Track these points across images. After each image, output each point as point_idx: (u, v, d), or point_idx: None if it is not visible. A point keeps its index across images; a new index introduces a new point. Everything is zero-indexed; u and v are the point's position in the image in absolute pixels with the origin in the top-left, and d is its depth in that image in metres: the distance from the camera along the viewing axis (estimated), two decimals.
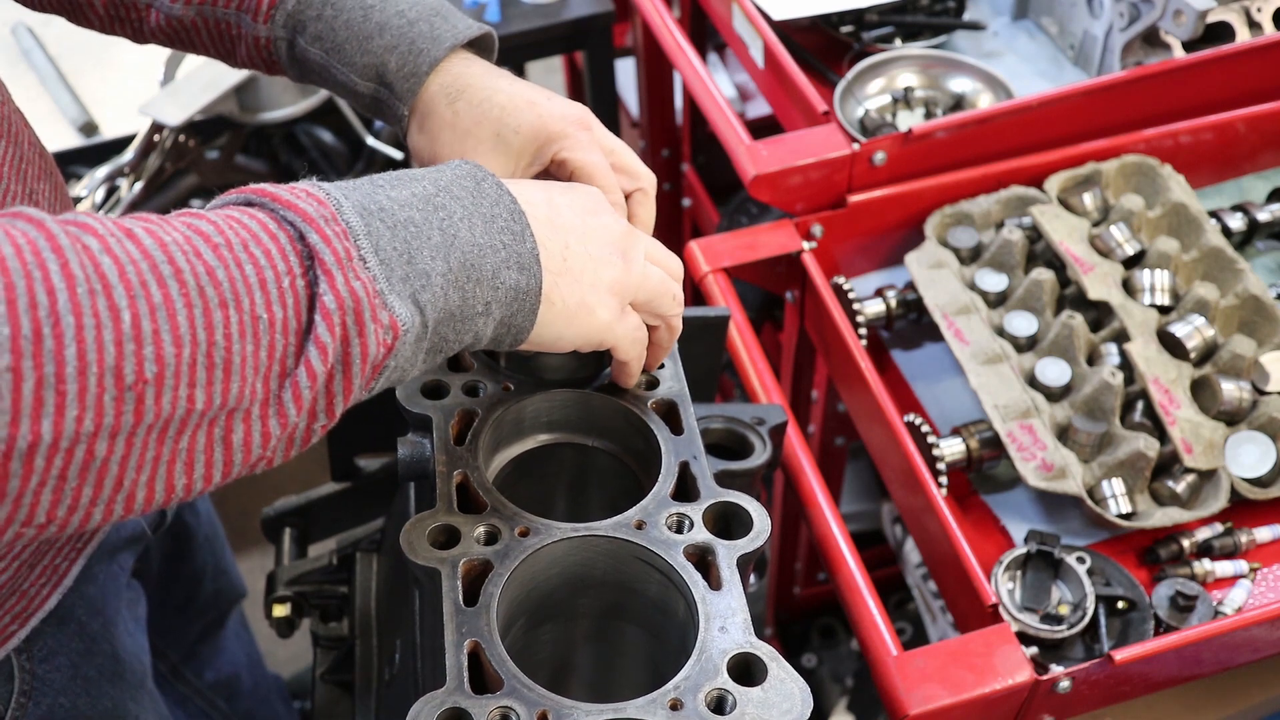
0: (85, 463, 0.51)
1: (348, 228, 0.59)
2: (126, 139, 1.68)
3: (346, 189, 0.62)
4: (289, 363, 0.57)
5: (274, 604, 1.13)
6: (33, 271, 0.49)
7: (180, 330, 0.52)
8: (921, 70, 1.46)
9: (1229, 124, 1.33)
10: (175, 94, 1.60)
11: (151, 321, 0.51)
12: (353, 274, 0.58)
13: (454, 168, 0.68)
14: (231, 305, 0.54)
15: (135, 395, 0.51)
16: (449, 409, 0.79)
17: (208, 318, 0.53)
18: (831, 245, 1.31)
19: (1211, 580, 1.05)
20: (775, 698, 0.64)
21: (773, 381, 1.17)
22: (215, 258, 0.54)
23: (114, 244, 0.52)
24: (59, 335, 0.49)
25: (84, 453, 0.51)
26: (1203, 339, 1.14)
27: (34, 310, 0.48)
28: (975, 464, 1.12)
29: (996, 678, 0.91)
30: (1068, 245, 1.21)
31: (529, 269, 0.67)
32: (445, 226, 0.63)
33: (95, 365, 0.50)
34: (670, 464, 0.77)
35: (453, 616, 0.66)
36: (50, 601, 0.92)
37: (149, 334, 0.51)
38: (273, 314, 0.56)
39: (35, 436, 0.49)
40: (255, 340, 0.55)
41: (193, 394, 0.53)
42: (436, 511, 0.72)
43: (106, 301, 0.50)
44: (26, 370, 0.48)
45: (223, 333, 0.54)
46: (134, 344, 0.51)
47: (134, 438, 0.52)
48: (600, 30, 1.89)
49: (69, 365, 0.49)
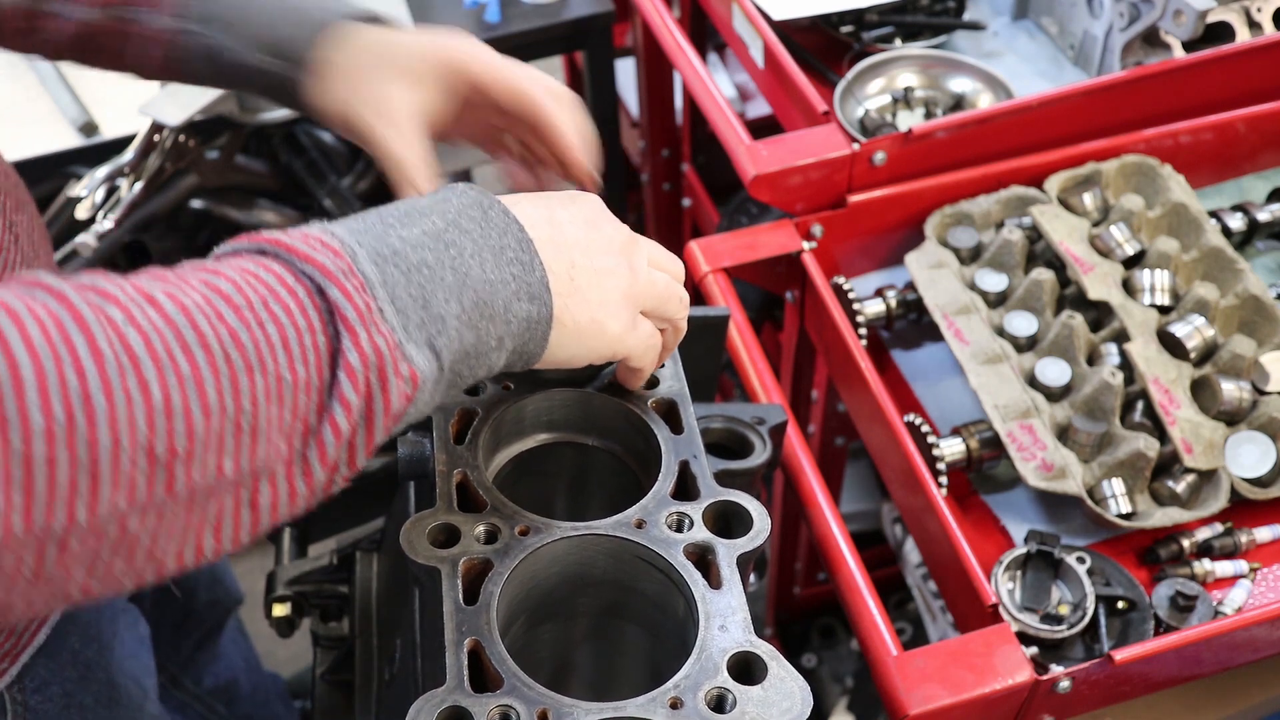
0: (119, 539, 0.50)
1: (365, 280, 0.58)
2: (126, 139, 1.68)
3: (358, 232, 0.60)
4: (312, 420, 0.56)
5: (274, 604, 1.13)
6: (60, 351, 0.48)
7: (209, 400, 0.51)
8: (921, 70, 1.46)
9: (1229, 124, 1.33)
10: (175, 94, 1.60)
11: (181, 394, 0.50)
12: (375, 329, 0.57)
13: (459, 196, 0.67)
14: (257, 369, 0.53)
15: (166, 469, 0.50)
16: (449, 408, 0.79)
17: (235, 384, 0.52)
18: (831, 245, 1.31)
19: (1211, 580, 1.05)
20: (775, 696, 0.64)
21: (773, 381, 1.17)
22: (238, 320, 0.53)
23: (137, 313, 0.51)
24: (91, 418, 0.48)
25: (117, 530, 0.50)
26: (1203, 339, 1.14)
27: (65, 393, 0.47)
28: (975, 464, 1.12)
29: (996, 678, 0.91)
30: (1068, 245, 1.21)
31: (539, 298, 0.66)
32: (457, 265, 0.62)
33: (128, 444, 0.49)
34: (670, 463, 0.77)
35: (453, 615, 0.66)
36: (40, 637, 0.91)
37: (179, 407, 0.50)
38: (296, 374, 0.55)
39: (71, 520, 0.48)
40: (280, 402, 0.54)
41: (222, 462, 0.52)
42: (436, 510, 0.72)
43: (136, 378, 0.49)
44: (61, 458, 0.47)
45: (249, 398, 0.53)
46: (165, 418, 0.50)
47: (165, 510, 0.51)
48: (600, 30, 1.89)
49: (102, 447, 0.48)
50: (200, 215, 1.85)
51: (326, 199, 2.13)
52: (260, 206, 1.89)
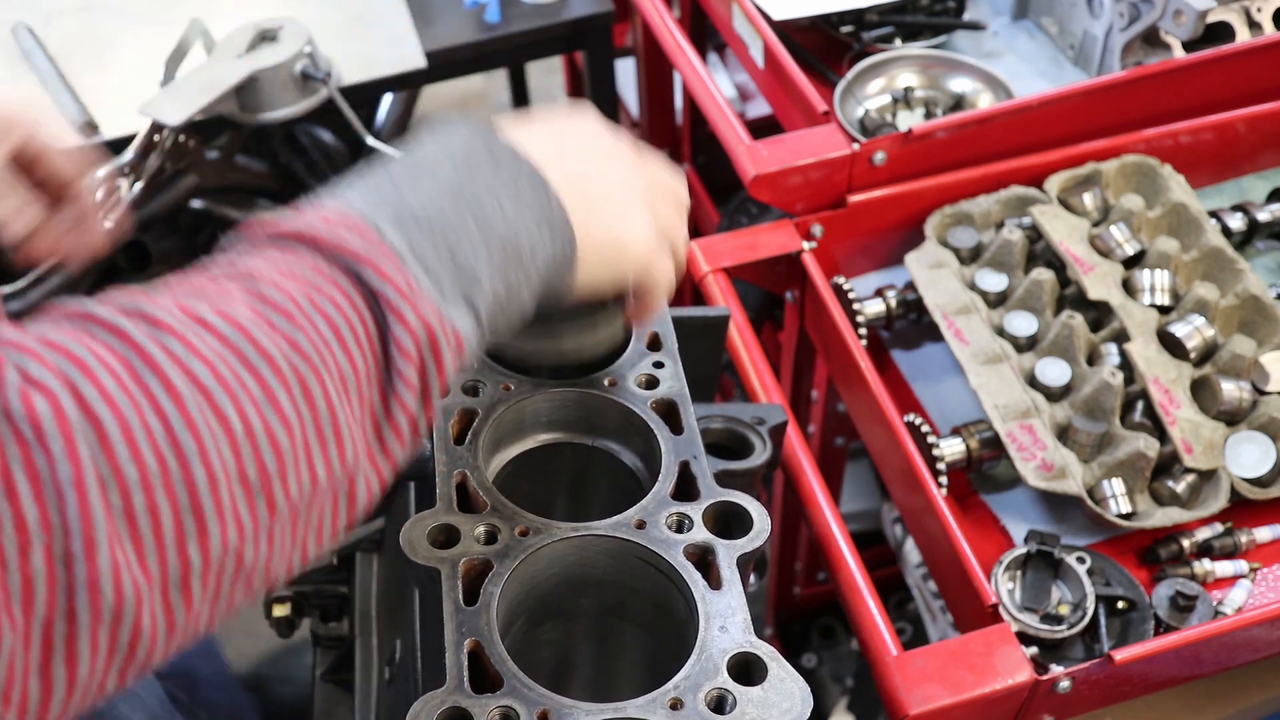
0: (236, 571, 0.51)
1: (395, 254, 0.57)
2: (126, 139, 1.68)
3: (374, 201, 0.60)
4: (378, 407, 0.56)
5: (274, 604, 1.13)
6: (138, 399, 0.47)
7: (286, 414, 0.51)
8: (921, 70, 1.46)
9: (1229, 124, 1.33)
10: (175, 94, 1.60)
11: (259, 415, 0.50)
12: (417, 304, 0.57)
13: (463, 140, 0.65)
14: (323, 371, 0.53)
15: (265, 493, 0.50)
16: (449, 409, 0.79)
17: (306, 392, 0.52)
18: (831, 245, 1.31)
19: (1211, 580, 1.05)
20: (775, 697, 0.64)
21: (773, 381, 1.17)
22: (291, 325, 0.53)
23: (196, 341, 0.50)
24: (183, 459, 0.47)
25: (234, 564, 0.50)
26: (1203, 339, 1.14)
27: (152, 440, 0.47)
28: (975, 464, 1.12)
29: (996, 678, 0.91)
30: (1068, 245, 1.21)
31: (560, 233, 0.65)
32: (478, 216, 0.61)
33: (223, 477, 0.49)
34: (670, 464, 0.77)
35: (453, 616, 0.66)
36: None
37: (260, 429, 0.50)
38: (355, 366, 0.55)
39: (185, 565, 0.48)
40: (347, 396, 0.54)
41: (315, 471, 0.53)
42: (436, 511, 0.72)
43: (212, 410, 0.49)
44: (163, 505, 0.47)
45: (324, 401, 0.53)
46: (249, 444, 0.50)
47: (273, 532, 0.52)
48: (600, 30, 1.89)
49: (200, 486, 0.48)
50: (200, 215, 1.85)
51: None
52: (260, 206, 1.89)
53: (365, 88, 1.70)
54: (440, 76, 1.85)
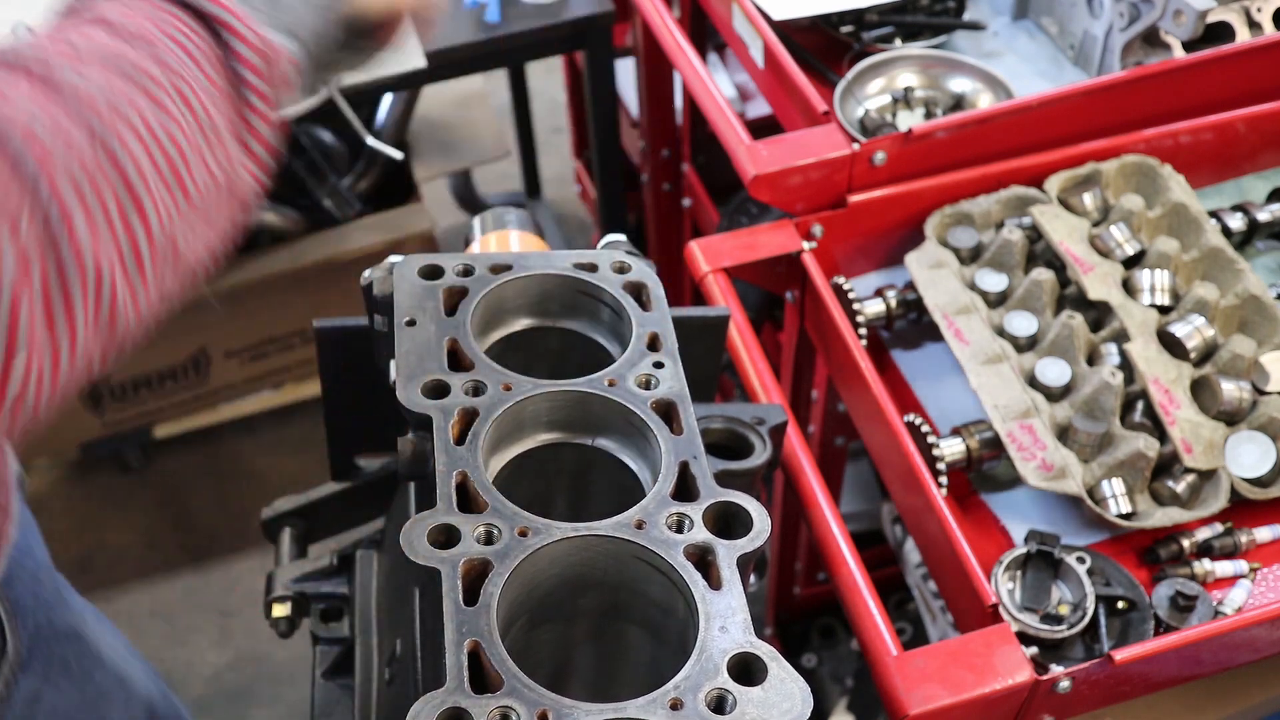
0: (174, 255, 0.62)
1: None
2: None
3: None
4: (235, 117, 0.68)
5: (274, 604, 1.13)
6: (57, 116, 0.58)
7: (177, 119, 0.63)
8: (921, 70, 1.46)
9: (1229, 124, 1.33)
10: None
11: (157, 120, 0.62)
12: (253, 25, 0.68)
13: None
14: (192, 82, 0.64)
15: (178, 182, 0.62)
16: (449, 409, 0.79)
17: (185, 100, 0.64)
18: (831, 245, 1.31)
19: (1211, 580, 1.05)
20: (775, 697, 0.64)
21: (773, 381, 1.17)
22: (152, 49, 0.64)
23: (86, 69, 0.60)
24: (110, 154, 0.59)
25: (169, 247, 0.62)
26: (1203, 339, 1.14)
27: (82, 142, 0.58)
28: (975, 464, 1.12)
29: (996, 678, 0.91)
30: (1068, 245, 1.21)
31: None
32: None
33: (146, 164, 0.60)
34: (670, 464, 0.77)
35: (453, 616, 0.66)
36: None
37: (160, 130, 0.62)
38: (211, 79, 0.66)
39: (134, 240, 0.59)
40: (215, 105, 0.66)
41: (208, 166, 0.64)
42: (436, 511, 0.72)
43: (117, 116, 0.60)
44: (104, 188, 0.58)
45: (200, 108, 0.65)
46: (155, 142, 0.61)
47: (191, 220, 0.63)
48: (600, 30, 1.89)
49: (129, 173, 0.60)
50: None
51: (326, 199, 2.13)
52: (260, 206, 1.89)
53: (365, 88, 1.70)
54: (440, 76, 1.85)
